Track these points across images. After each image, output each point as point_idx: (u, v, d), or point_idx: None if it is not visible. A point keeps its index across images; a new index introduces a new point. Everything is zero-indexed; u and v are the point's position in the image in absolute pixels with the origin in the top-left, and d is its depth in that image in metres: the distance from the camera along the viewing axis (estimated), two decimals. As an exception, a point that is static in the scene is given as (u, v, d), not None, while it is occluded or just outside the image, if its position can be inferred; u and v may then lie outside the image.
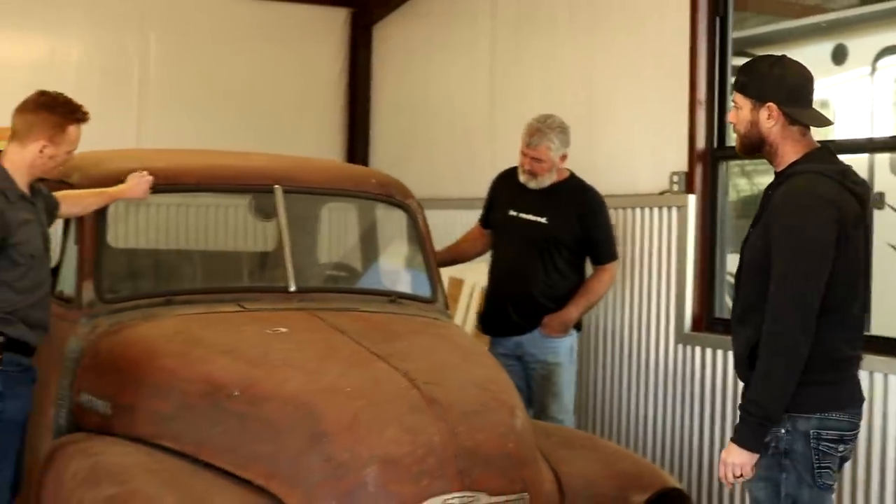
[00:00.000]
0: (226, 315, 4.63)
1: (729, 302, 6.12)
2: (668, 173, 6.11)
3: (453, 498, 3.59)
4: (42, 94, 4.62)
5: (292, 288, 4.87)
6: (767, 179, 3.74)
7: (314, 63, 9.60)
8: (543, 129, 5.67)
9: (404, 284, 5.44)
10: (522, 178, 5.78)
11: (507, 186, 5.93)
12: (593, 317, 6.41)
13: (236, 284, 5.44)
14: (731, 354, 5.36)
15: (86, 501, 3.74)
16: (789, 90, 3.61)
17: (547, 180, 5.74)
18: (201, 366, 4.11)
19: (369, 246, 5.75)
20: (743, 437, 3.53)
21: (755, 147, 3.64)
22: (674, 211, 6.07)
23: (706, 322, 6.00)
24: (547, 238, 5.70)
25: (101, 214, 4.86)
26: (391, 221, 5.52)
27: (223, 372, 4.03)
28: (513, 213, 5.81)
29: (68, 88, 8.37)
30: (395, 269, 5.57)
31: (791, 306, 3.42)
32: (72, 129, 4.54)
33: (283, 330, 4.38)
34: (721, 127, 5.97)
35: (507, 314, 5.79)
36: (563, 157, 5.74)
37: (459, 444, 3.66)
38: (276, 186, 5.03)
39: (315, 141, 9.36)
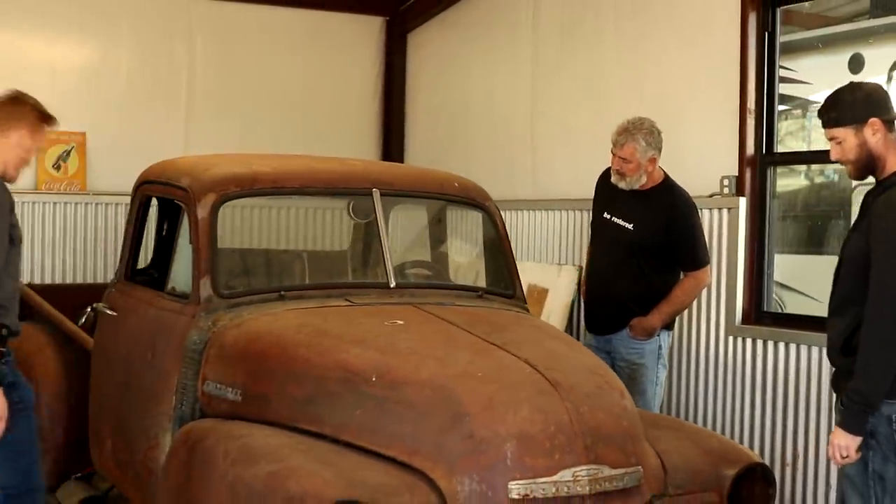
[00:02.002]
0: (339, 309, 5.02)
1: (776, 297, 6.59)
2: (719, 177, 6.54)
3: (581, 470, 3.97)
4: (20, 93, 4.91)
5: (392, 284, 5.27)
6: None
7: (351, 69, 10.01)
8: (631, 129, 5.91)
9: (486, 281, 5.82)
10: (613, 178, 6.06)
11: (603, 188, 6.23)
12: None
13: (340, 281, 5.83)
14: (779, 345, 5.89)
15: (245, 478, 4.05)
16: (879, 103, 4.05)
17: (636, 182, 5.97)
18: (335, 354, 4.47)
19: (451, 244, 6.15)
20: (847, 423, 3.98)
21: (869, 168, 4.08)
22: (724, 212, 6.51)
23: (755, 316, 6.46)
24: (633, 244, 5.97)
25: (213, 216, 5.19)
26: (471, 221, 5.91)
27: (358, 360, 4.39)
28: (606, 215, 6.12)
29: (120, 94, 8.86)
30: (477, 266, 5.96)
31: (890, 305, 3.86)
32: (46, 129, 4.84)
33: (400, 322, 4.76)
34: (769, 134, 6.42)
35: (595, 315, 6.16)
36: (652, 160, 5.94)
37: (584, 422, 4.05)
38: (375, 190, 5.43)
39: (352, 143, 9.78)
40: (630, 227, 6.00)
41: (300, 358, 4.57)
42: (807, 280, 7.31)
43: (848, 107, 4.06)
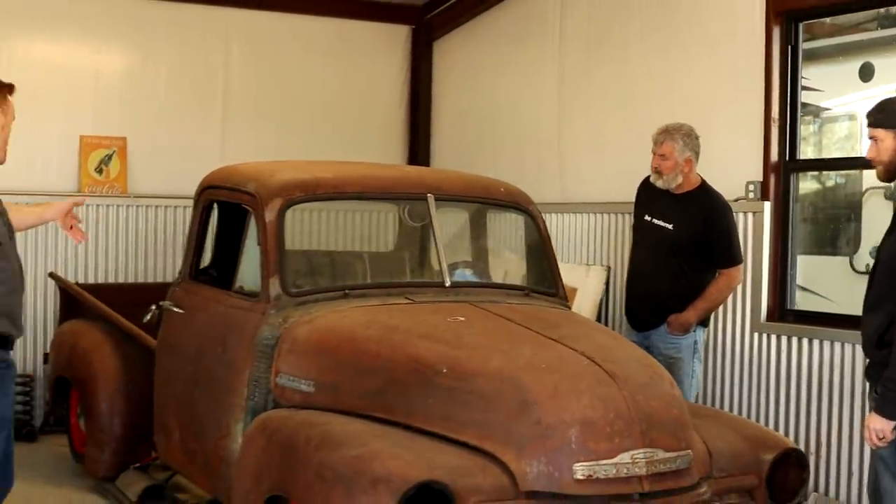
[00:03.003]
0: (401, 306, 5.39)
1: (799, 296, 6.97)
2: (744, 183, 6.93)
3: (638, 453, 4.33)
4: None
5: (447, 283, 5.65)
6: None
7: (379, 76, 10.38)
8: (671, 129, 6.37)
9: (531, 280, 6.18)
10: (652, 177, 6.49)
11: (644, 193, 6.65)
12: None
13: (399, 280, 6.20)
14: (802, 341, 6.28)
15: (330, 462, 4.37)
16: None
17: (672, 180, 6.38)
18: (405, 348, 4.84)
19: (497, 246, 6.52)
20: (884, 408, 4.36)
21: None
22: (750, 216, 6.89)
23: (779, 313, 6.86)
24: (672, 243, 6.38)
25: (281, 220, 5.54)
26: (516, 224, 6.28)
27: (428, 353, 4.75)
28: (647, 218, 6.54)
29: (159, 101, 9.23)
30: (522, 266, 6.33)
31: None
32: (10, 98, 4.82)
33: (462, 318, 5.14)
34: (792, 141, 6.81)
35: (636, 311, 6.56)
36: (688, 161, 6.37)
37: (639, 409, 4.42)
38: (429, 195, 5.81)
39: (380, 148, 10.17)
40: (670, 227, 6.40)
41: (371, 352, 4.94)
42: (819, 280, 7.66)
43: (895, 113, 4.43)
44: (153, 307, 6.44)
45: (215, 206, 6.42)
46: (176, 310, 6.19)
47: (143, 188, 9.41)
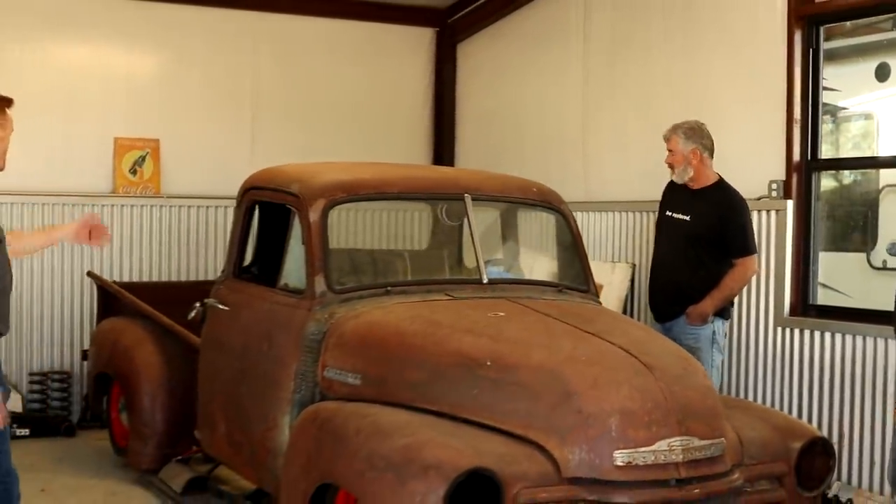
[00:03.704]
0: (443, 302, 5.61)
1: (821, 291, 7.17)
2: (767, 181, 7.14)
3: (675, 441, 4.54)
4: None
5: (485, 280, 5.87)
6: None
7: (404, 77, 10.63)
8: (675, 126, 6.76)
9: (563, 277, 6.40)
10: (670, 174, 6.81)
11: (667, 192, 6.95)
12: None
13: (438, 277, 6.43)
14: (825, 335, 6.50)
15: (381, 451, 4.56)
16: None
17: (684, 173, 6.72)
18: (450, 342, 5.05)
19: (529, 243, 6.74)
20: None
21: None
22: (773, 214, 7.11)
23: (802, 308, 7.09)
24: (689, 234, 6.68)
25: (324, 219, 5.76)
26: (549, 223, 6.50)
27: (472, 347, 4.97)
28: (668, 213, 6.86)
29: (191, 103, 9.47)
30: (554, 263, 6.54)
31: None
32: (8, 111, 5.00)
33: (502, 314, 5.35)
34: (814, 141, 7.02)
35: (657, 302, 6.81)
36: (694, 153, 6.69)
37: (676, 399, 4.63)
38: (466, 195, 6.03)
39: (405, 148, 10.40)
40: (688, 219, 6.72)
41: (416, 345, 5.15)
42: (836, 276, 7.85)
43: None
44: (197, 304, 6.64)
45: (256, 206, 6.58)
46: (221, 307, 6.40)
47: (176, 188, 9.65)
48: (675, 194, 6.84)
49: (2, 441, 4.88)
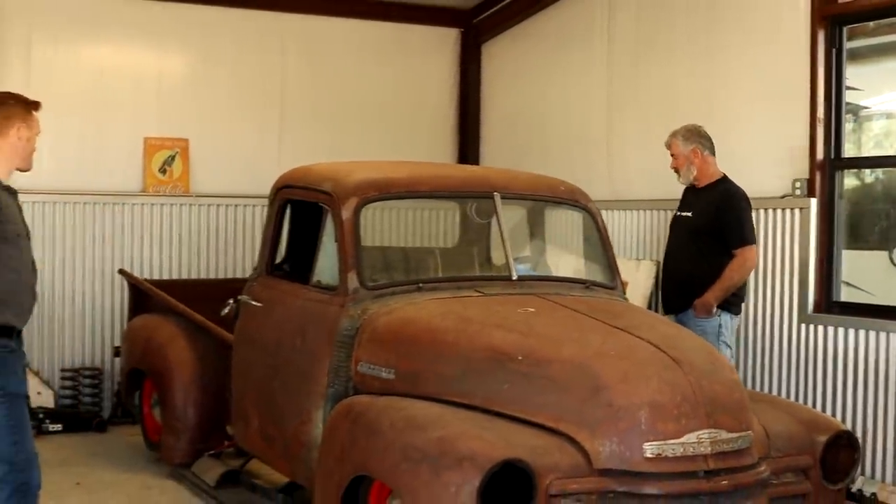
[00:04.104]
0: (473, 298, 5.71)
1: (844, 288, 7.26)
2: (790, 180, 7.23)
3: (704, 433, 4.62)
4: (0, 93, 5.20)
5: (514, 277, 5.97)
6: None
7: (429, 78, 10.75)
8: (673, 132, 7.04)
9: (590, 274, 6.50)
10: (677, 178, 7.07)
11: (682, 196, 7.19)
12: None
13: (468, 274, 6.54)
14: (848, 331, 6.57)
15: (416, 443, 4.66)
16: None
17: (689, 174, 6.98)
18: (481, 338, 5.16)
19: (556, 240, 6.84)
20: None
21: None
22: (797, 212, 7.21)
23: (825, 305, 7.17)
24: (691, 229, 6.94)
25: (357, 217, 5.87)
26: (576, 220, 6.60)
27: (504, 342, 5.07)
28: (678, 213, 7.09)
29: (219, 103, 9.60)
30: (581, 260, 6.64)
31: None
32: (35, 114, 5.10)
33: (532, 309, 5.45)
34: (837, 140, 7.11)
35: (667, 296, 7.02)
36: (694, 152, 6.95)
37: (704, 393, 4.71)
38: (496, 193, 6.13)
39: (430, 148, 10.51)
40: (690, 214, 6.98)
41: (449, 341, 5.25)
42: (857, 274, 7.91)
43: None
44: (230, 301, 6.76)
45: (289, 204, 6.69)
46: (254, 303, 6.51)
47: (205, 188, 9.79)
48: (685, 195, 7.13)
49: (23, 428, 4.97)
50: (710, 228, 6.83)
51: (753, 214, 7.34)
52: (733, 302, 6.90)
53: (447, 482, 4.42)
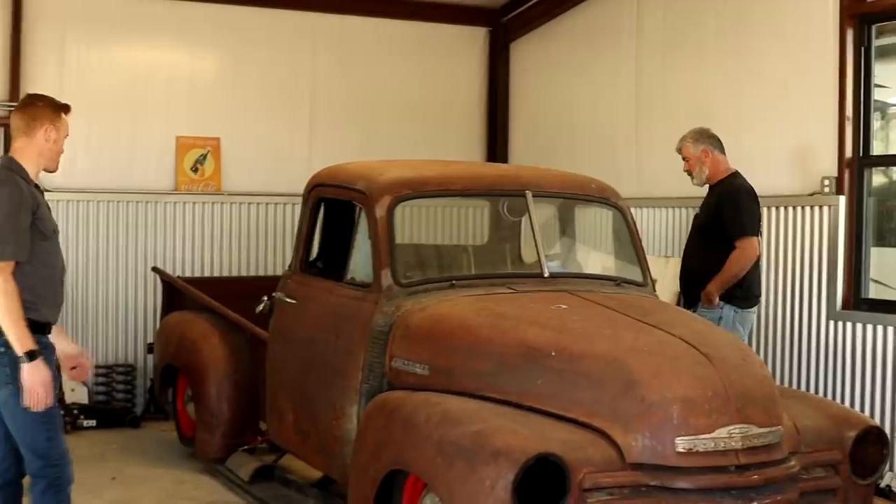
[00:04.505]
0: (506, 295, 5.78)
1: (872, 286, 7.30)
2: (819, 178, 7.28)
3: (735, 428, 4.68)
4: (29, 95, 5.31)
5: (546, 274, 6.04)
6: None
7: (458, 76, 10.83)
8: (682, 137, 7.19)
9: (621, 271, 6.56)
10: (691, 181, 7.25)
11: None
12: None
13: (501, 271, 6.61)
14: (877, 328, 6.62)
15: (451, 437, 4.73)
16: None
17: (701, 176, 7.14)
18: (515, 333, 5.22)
19: (587, 238, 6.91)
20: None
21: None
22: (825, 210, 7.25)
23: (854, 301, 7.22)
24: (699, 224, 7.16)
25: (391, 215, 5.94)
26: (607, 218, 6.67)
27: (537, 338, 5.13)
28: (697, 210, 7.24)
29: (250, 103, 9.71)
30: (612, 258, 6.71)
31: None
32: (64, 116, 5.15)
33: (564, 306, 5.52)
34: (866, 138, 7.15)
35: (682, 288, 7.23)
36: (705, 152, 7.09)
37: (735, 388, 4.77)
38: (528, 191, 6.20)
39: (459, 146, 10.57)
40: (699, 211, 7.18)
41: (483, 337, 5.32)
42: (882, 271, 7.94)
43: None
44: (265, 298, 6.85)
45: (322, 203, 6.77)
46: (288, 300, 6.60)
47: (236, 186, 9.89)
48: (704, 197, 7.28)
49: (56, 425, 5.07)
50: (714, 222, 6.97)
51: (786, 213, 7.40)
52: (738, 295, 6.96)
53: (482, 476, 4.48)
